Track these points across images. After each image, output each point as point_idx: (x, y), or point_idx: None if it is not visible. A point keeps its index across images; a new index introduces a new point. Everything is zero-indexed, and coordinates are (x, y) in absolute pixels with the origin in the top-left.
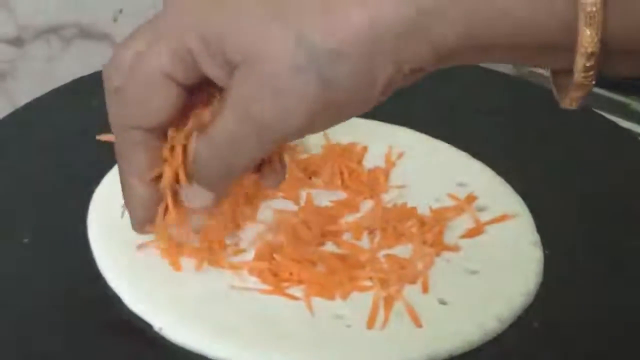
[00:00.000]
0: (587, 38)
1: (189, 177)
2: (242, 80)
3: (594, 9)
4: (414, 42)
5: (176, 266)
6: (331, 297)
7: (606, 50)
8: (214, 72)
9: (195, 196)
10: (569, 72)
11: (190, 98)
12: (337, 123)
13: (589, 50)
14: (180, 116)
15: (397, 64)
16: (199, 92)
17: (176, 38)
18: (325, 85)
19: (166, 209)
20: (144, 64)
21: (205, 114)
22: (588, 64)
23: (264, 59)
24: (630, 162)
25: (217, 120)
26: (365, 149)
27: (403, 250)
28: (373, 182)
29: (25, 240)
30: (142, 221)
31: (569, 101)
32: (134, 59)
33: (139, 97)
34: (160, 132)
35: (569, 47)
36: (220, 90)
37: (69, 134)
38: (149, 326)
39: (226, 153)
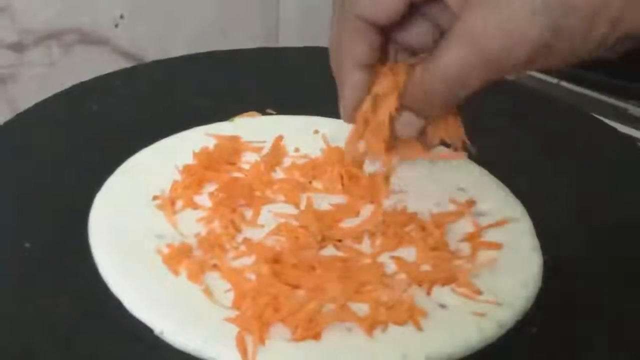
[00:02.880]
0: None
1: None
2: (478, 14)
3: None
4: (637, 7)
5: (176, 272)
6: (332, 302)
7: None
8: None
9: (407, 124)
10: None
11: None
12: (549, 66)
13: None
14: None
15: (613, 25)
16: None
17: None
18: (553, 32)
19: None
20: None
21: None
22: None
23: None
24: (629, 167)
25: (444, 50)
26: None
27: (404, 254)
28: (373, 187)
29: (27, 245)
30: (352, 105)
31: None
32: None
33: None
34: (380, 32)
35: None
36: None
37: (70, 139)
38: (149, 330)
39: (452, 82)
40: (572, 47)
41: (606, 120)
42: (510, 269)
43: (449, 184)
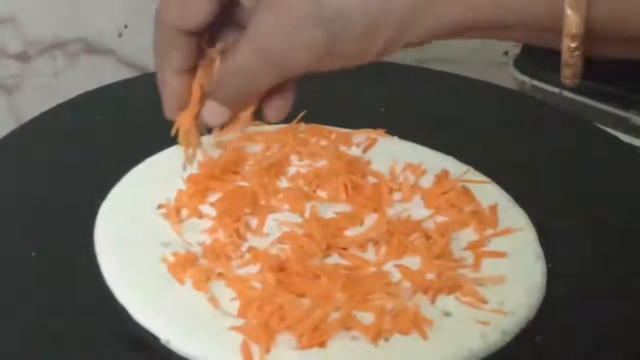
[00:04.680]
0: (572, 21)
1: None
2: (263, 17)
3: None
4: (416, 20)
5: (181, 281)
6: (337, 310)
7: (592, 34)
8: None
9: (213, 113)
10: None
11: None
12: (341, 67)
13: (573, 31)
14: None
15: (395, 36)
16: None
17: None
18: (331, 41)
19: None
20: None
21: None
22: (573, 45)
23: (286, 5)
24: (632, 176)
25: (237, 47)
26: (369, 163)
27: (408, 263)
28: (377, 196)
29: (33, 254)
30: (173, 107)
31: (563, 78)
32: None
33: (180, 2)
34: (196, 37)
35: (558, 29)
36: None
37: (75, 148)
38: (156, 339)
39: (242, 78)
40: (355, 53)
41: (609, 130)
42: (514, 277)
43: None
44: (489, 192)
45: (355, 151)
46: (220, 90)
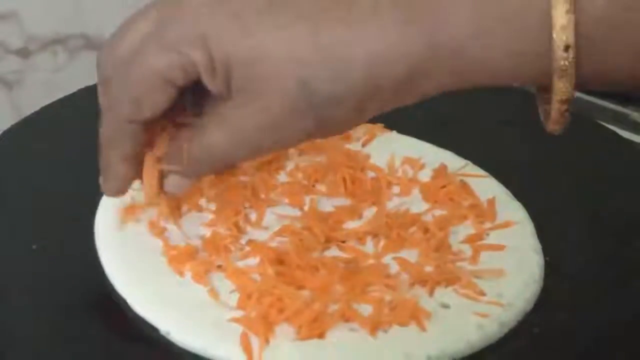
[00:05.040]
0: (561, 88)
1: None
2: (242, 105)
3: (566, 63)
4: (404, 92)
5: (181, 273)
6: (336, 302)
7: (581, 84)
8: (212, 86)
9: (177, 185)
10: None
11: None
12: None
13: (563, 97)
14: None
15: (384, 106)
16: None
17: (182, 48)
18: (320, 124)
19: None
20: (145, 65)
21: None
22: (563, 108)
23: (266, 95)
24: (630, 170)
25: (209, 131)
26: (368, 157)
27: (407, 256)
28: (376, 190)
29: (34, 247)
30: (116, 191)
31: (549, 129)
32: (133, 55)
33: (134, 94)
34: (146, 124)
35: (547, 88)
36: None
37: (75, 142)
38: (156, 330)
39: (216, 159)
40: (347, 125)
41: (608, 125)
42: (511, 270)
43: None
44: (487, 186)
45: (354, 146)
46: (188, 168)
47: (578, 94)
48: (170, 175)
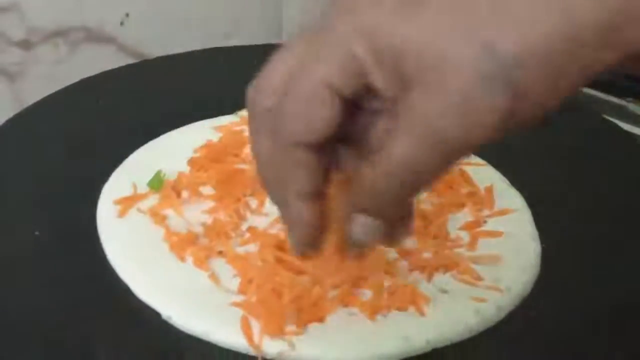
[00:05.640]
0: None
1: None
2: (422, 96)
3: None
4: (603, 48)
5: (183, 259)
6: (336, 287)
7: None
8: (382, 83)
9: (366, 229)
10: None
11: (347, 116)
12: (516, 133)
13: None
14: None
15: (582, 71)
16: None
17: (344, 47)
18: (514, 94)
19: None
20: (306, 77)
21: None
22: None
23: (447, 73)
24: (627, 160)
25: (392, 142)
26: None
27: (406, 243)
28: None
29: (37, 233)
30: (303, 245)
31: None
32: (292, 74)
33: (300, 112)
34: (320, 149)
35: None
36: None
37: (77, 131)
38: (157, 315)
39: (407, 176)
40: (541, 102)
41: (607, 117)
42: (509, 256)
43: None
44: (485, 175)
45: None
46: (372, 200)
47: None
48: (356, 217)
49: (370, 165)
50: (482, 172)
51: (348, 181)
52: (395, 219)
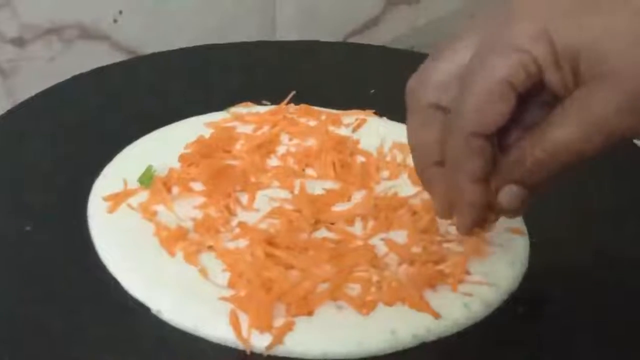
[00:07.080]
0: None
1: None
2: (599, 94)
3: None
4: None
5: (173, 254)
6: (324, 282)
7: None
8: (558, 82)
9: (514, 196)
10: None
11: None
12: None
13: None
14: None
15: None
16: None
17: (523, 47)
18: None
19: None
20: (486, 74)
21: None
22: None
23: (624, 74)
24: (617, 158)
25: (560, 129)
26: (357, 142)
27: (395, 237)
28: (365, 173)
29: (28, 228)
30: (472, 224)
31: None
32: (470, 69)
33: (481, 106)
34: (491, 141)
35: None
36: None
37: (69, 127)
38: (147, 309)
39: (570, 158)
40: None
41: None
42: (498, 251)
43: None
44: None
45: (344, 131)
46: (530, 174)
47: None
48: (506, 187)
49: (532, 145)
50: None
51: None
52: (540, 189)
